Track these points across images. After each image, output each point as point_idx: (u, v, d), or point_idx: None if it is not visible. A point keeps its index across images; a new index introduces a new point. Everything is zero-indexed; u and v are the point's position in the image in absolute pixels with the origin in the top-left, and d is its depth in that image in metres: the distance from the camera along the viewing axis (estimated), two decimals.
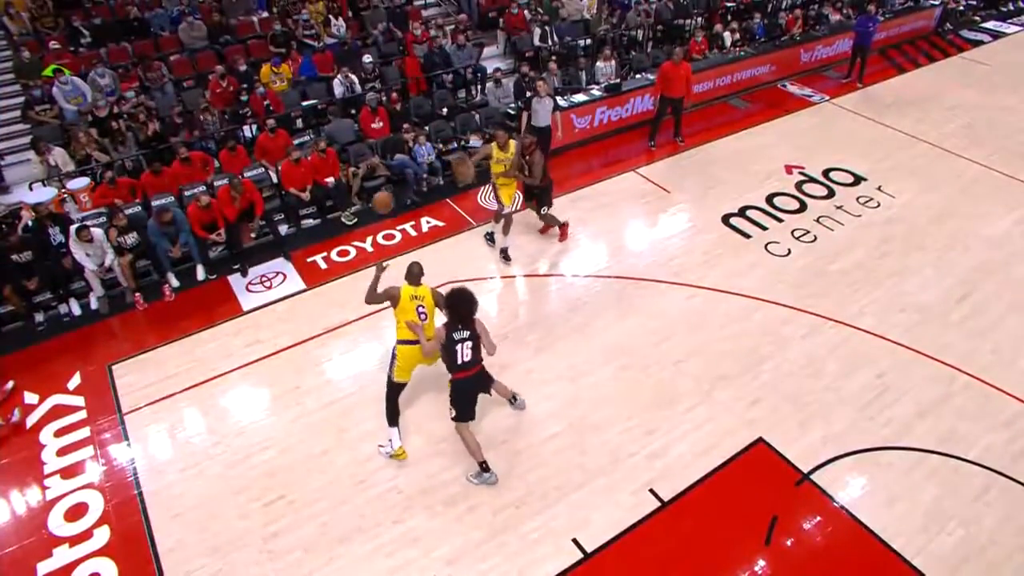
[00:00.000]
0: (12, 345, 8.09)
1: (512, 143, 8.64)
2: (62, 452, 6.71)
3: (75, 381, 7.51)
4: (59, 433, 6.91)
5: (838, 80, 14.26)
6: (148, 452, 6.67)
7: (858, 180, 10.49)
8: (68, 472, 6.51)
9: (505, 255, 9.00)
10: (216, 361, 7.65)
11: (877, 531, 5.63)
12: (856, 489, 5.98)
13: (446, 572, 5.48)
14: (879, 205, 9.88)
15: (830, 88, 13.89)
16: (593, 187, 10.66)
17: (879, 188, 10.26)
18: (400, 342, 6.21)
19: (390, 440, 6.46)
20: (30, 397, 7.34)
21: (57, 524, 6.04)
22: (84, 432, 6.91)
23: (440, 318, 6.04)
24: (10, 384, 7.43)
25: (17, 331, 8.31)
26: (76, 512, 6.14)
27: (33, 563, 5.73)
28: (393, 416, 6.48)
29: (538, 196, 9.04)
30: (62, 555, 5.78)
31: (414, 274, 6.29)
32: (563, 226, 9.31)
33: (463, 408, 5.99)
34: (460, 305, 5.70)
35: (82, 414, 7.12)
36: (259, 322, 8.22)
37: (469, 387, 5.98)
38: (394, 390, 6.43)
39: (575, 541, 5.65)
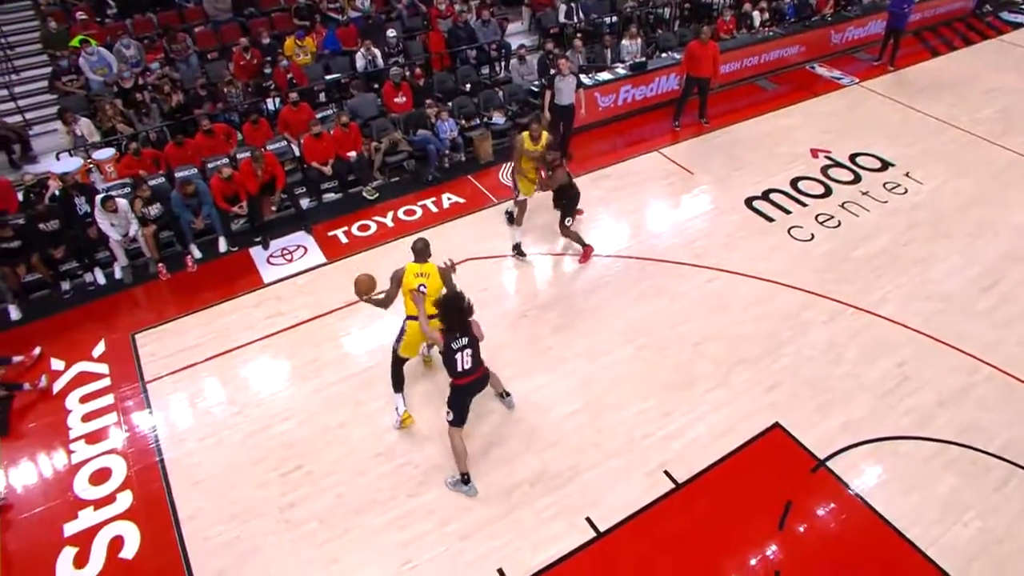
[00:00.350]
0: (39, 312, 8.24)
1: (545, 136, 8.27)
2: (87, 418, 6.86)
3: (99, 349, 7.64)
4: (84, 399, 7.06)
5: (869, 62, 13.95)
6: (169, 420, 6.79)
7: (885, 165, 10.30)
8: (92, 437, 6.65)
9: (519, 250, 8.73)
10: (237, 332, 7.74)
11: (892, 520, 5.60)
12: (872, 477, 5.94)
13: (460, 547, 5.55)
14: (906, 191, 9.70)
15: (861, 71, 13.59)
16: (616, 167, 10.57)
17: (907, 174, 10.06)
18: (409, 317, 6.23)
19: (396, 408, 6.54)
20: (56, 363, 7.49)
21: (82, 487, 6.19)
22: (108, 399, 7.04)
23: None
24: (37, 350, 7.58)
25: (44, 299, 8.46)
26: (100, 476, 6.28)
27: (60, 524, 5.88)
28: (398, 384, 6.56)
29: (565, 205, 8.33)
30: (87, 517, 5.93)
31: (418, 251, 6.26)
32: (586, 248, 8.58)
33: (460, 413, 5.85)
34: (453, 314, 5.56)
35: (106, 381, 7.25)
36: (280, 294, 8.30)
37: (470, 392, 5.86)
38: (399, 362, 6.48)
39: (588, 520, 5.69)
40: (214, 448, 6.48)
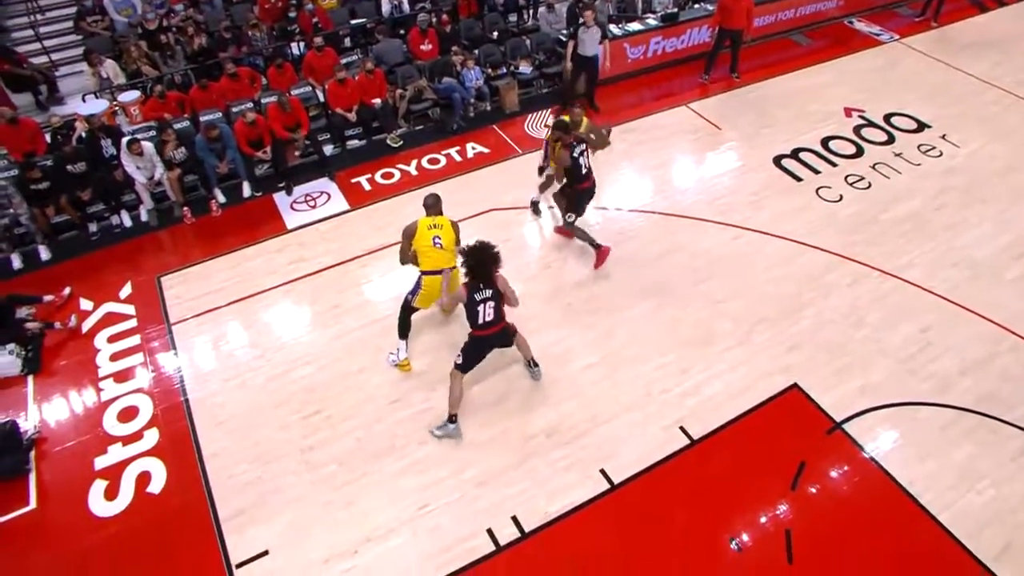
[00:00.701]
0: (68, 253, 8.37)
1: (585, 121, 7.71)
2: (115, 357, 7.01)
3: (126, 290, 7.76)
4: (112, 339, 7.21)
5: (911, 18, 13.42)
6: (194, 362, 6.93)
7: (921, 127, 10.00)
8: (120, 376, 6.82)
9: (535, 208, 8.59)
10: (260, 277, 7.81)
11: (905, 485, 5.60)
12: (888, 442, 5.93)
13: (475, 493, 5.66)
14: (941, 154, 9.42)
15: (901, 26, 13.09)
16: (643, 120, 10.37)
17: (943, 136, 9.77)
18: (424, 272, 6.23)
19: (398, 349, 6.63)
20: (85, 304, 7.63)
21: (111, 424, 6.37)
22: (135, 340, 7.19)
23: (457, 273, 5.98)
24: (67, 290, 7.72)
25: (72, 240, 8.58)
26: (128, 414, 6.46)
27: (91, 458, 6.09)
28: (404, 330, 6.62)
29: (568, 197, 7.58)
30: (116, 452, 6.12)
31: (429, 206, 6.29)
32: (600, 250, 7.58)
33: (470, 361, 5.88)
34: (481, 263, 5.54)
35: (133, 322, 7.39)
36: (303, 240, 8.34)
37: (487, 345, 5.88)
38: (409, 310, 6.53)
39: (603, 472, 5.76)
40: (237, 390, 6.62)
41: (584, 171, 7.33)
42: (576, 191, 7.46)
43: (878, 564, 5.14)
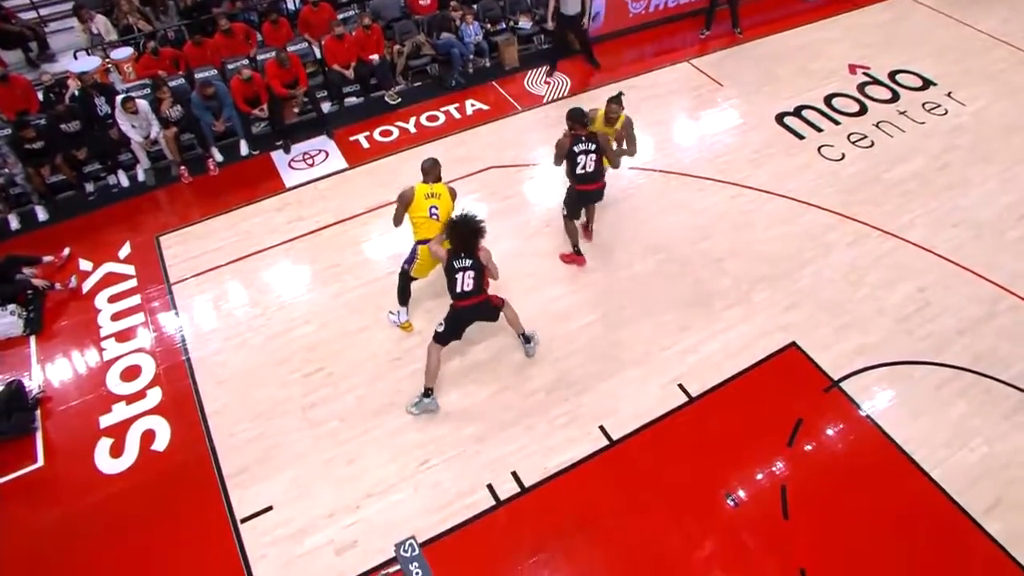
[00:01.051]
0: (65, 213, 8.33)
1: (623, 118, 7.00)
2: (116, 317, 7.04)
3: (125, 250, 7.75)
4: (113, 299, 7.22)
5: None
6: (194, 321, 6.95)
7: (927, 84, 9.85)
8: (122, 336, 6.85)
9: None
10: (259, 236, 7.79)
11: (899, 442, 5.68)
12: (884, 400, 5.99)
13: (475, 448, 5.74)
14: (946, 112, 9.30)
15: None
16: (644, 76, 10.21)
17: (949, 94, 9.63)
18: (420, 242, 6.17)
19: (399, 312, 6.67)
20: (84, 264, 7.63)
21: (115, 383, 6.43)
22: (135, 300, 7.20)
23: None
24: (66, 251, 7.71)
25: (69, 200, 8.52)
26: (131, 373, 6.51)
27: (95, 417, 6.16)
28: (404, 298, 6.62)
29: (568, 193, 7.03)
30: (120, 411, 6.19)
31: (426, 170, 6.18)
32: (576, 256, 7.20)
33: (447, 332, 5.84)
34: (463, 235, 5.51)
35: (133, 282, 7.39)
36: (301, 199, 8.30)
37: (465, 317, 5.84)
38: (407, 280, 6.50)
39: (602, 428, 5.84)
40: (238, 349, 6.66)
41: (582, 171, 6.62)
42: (573, 190, 6.89)
43: (871, 519, 5.24)
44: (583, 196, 6.92)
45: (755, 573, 5.00)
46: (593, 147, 6.56)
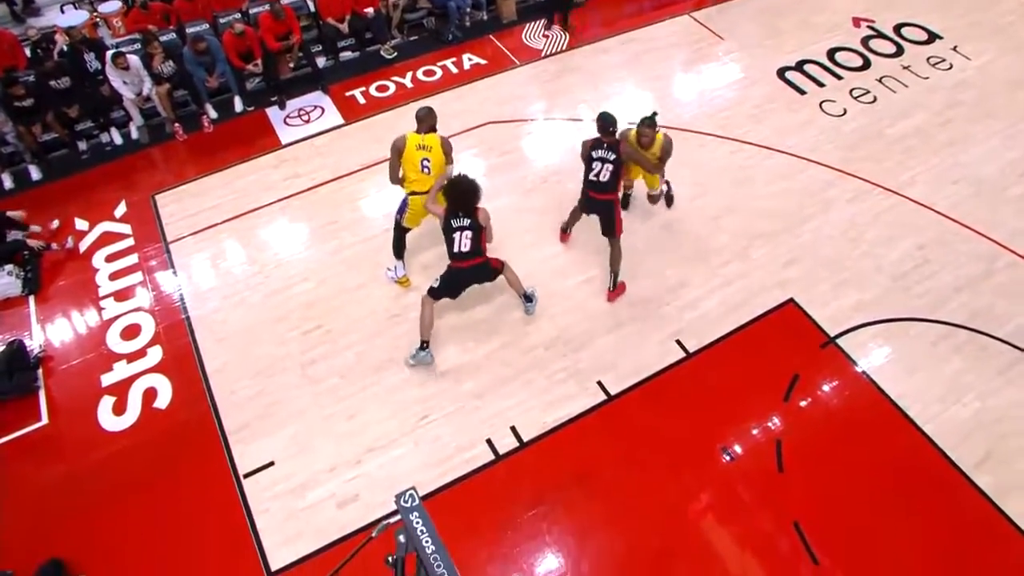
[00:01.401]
0: (59, 173, 8.25)
1: (659, 141, 6.36)
2: (114, 276, 7.03)
3: (121, 209, 7.70)
4: (110, 259, 7.20)
5: None
6: (193, 280, 6.94)
7: (932, 38, 9.67)
8: (121, 295, 6.85)
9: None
10: (256, 193, 7.74)
11: (894, 397, 5.73)
12: (880, 357, 6.03)
13: (474, 404, 5.79)
14: (951, 67, 9.15)
15: None
16: (643, 30, 10.00)
17: (954, 48, 9.46)
18: (411, 193, 6.13)
19: (396, 267, 6.65)
20: (80, 223, 7.58)
21: (115, 342, 6.45)
22: (132, 259, 7.18)
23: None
24: (56, 222, 7.56)
25: (63, 159, 8.43)
26: (131, 332, 6.52)
27: (97, 375, 6.19)
28: (399, 250, 6.60)
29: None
30: (121, 369, 6.22)
31: (420, 118, 6.04)
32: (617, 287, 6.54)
33: (444, 289, 5.84)
34: (459, 196, 5.49)
35: (129, 241, 7.36)
36: (297, 156, 8.21)
37: (462, 278, 5.83)
38: (402, 231, 6.48)
39: (600, 384, 5.88)
40: (237, 307, 6.66)
41: (594, 177, 6.12)
42: (584, 192, 6.37)
43: (865, 474, 5.32)
44: (590, 203, 6.35)
45: (750, 525, 5.10)
46: (612, 157, 6.00)
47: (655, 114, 6.26)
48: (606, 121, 6.02)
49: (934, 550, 4.97)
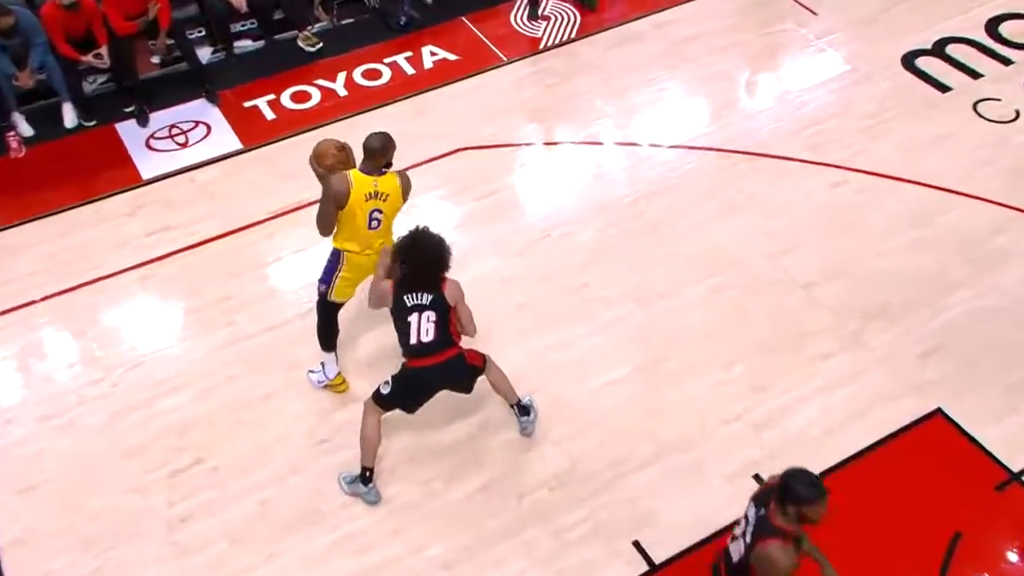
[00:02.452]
0: None
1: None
2: None
3: None
4: None
5: None
6: None
7: None
8: None
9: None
10: (99, 255, 7.80)
11: None
12: None
13: None
14: None
15: None
16: (687, 6, 10.36)
17: None
18: (347, 251, 6.11)
19: (323, 365, 6.66)
20: None
21: None
22: None
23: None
24: None
25: None
26: None
27: None
28: (329, 338, 6.59)
29: None
30: None
31: (373, 151, 5.82)
32: None
33: (399, 397, 5.75)
34: (419, 262, 5.44)
35: None
36: (169, 197, 8.35)
37: (426, 382, 5.74)
38: (331, 309, 6.46)
39: (637, 544, 5.82)
40: (61, 433, 6.55)
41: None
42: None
43: None
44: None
45: None
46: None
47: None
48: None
49: None
